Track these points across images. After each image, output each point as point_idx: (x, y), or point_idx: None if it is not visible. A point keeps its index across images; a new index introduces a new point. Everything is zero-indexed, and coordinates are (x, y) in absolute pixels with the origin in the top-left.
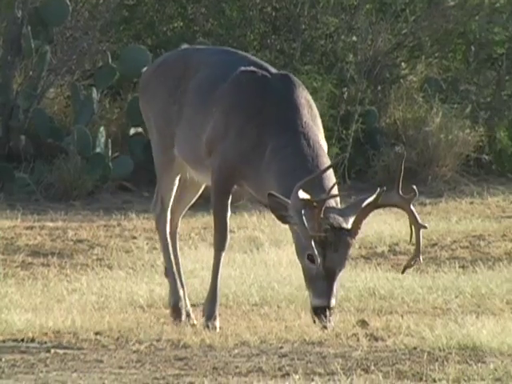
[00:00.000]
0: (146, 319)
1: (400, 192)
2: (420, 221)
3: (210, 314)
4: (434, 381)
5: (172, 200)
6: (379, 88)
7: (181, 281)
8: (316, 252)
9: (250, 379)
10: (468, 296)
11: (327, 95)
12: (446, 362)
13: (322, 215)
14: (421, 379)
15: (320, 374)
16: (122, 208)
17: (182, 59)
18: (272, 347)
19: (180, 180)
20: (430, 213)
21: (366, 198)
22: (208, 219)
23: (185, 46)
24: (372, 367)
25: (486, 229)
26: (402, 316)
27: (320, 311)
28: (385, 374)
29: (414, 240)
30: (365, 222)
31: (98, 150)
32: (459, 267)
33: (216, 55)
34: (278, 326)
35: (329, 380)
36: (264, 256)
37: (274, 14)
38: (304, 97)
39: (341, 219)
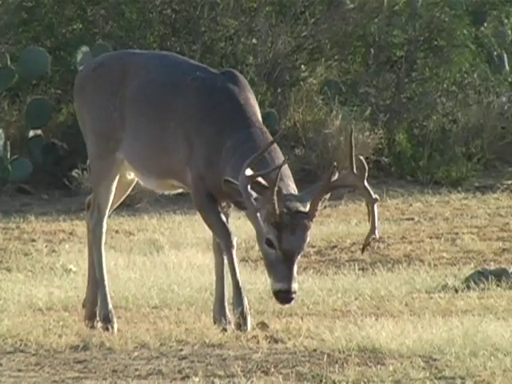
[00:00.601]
0: (45, 322)
1: (355, 171)
2: (373, 195)
3: (242, 311)
4: (334, 383)
5: (109, 208)
6: (279, 90)
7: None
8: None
9: (150, 382)
10: (367, 298)
11: None
12: (345, 364)
13: (277, 198)
14: (320, 381)
15: (220, 377)
16: (20, 211)
17: (119, 63)
18: (172, 350)
19: None
20: (330, 215)
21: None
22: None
23: (84, 48)
24: (272, 369)
25: (386, 231)
26: (301, 318)
27: (281, 295)
28: (285, 376)
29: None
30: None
31: None
32: (359, 269)
33: (154, 60)
34: (178, 328)
35: (229, 382)
36: (164, 258)
37: (173, 16)
38: (252, 93)
39: (298, 204)
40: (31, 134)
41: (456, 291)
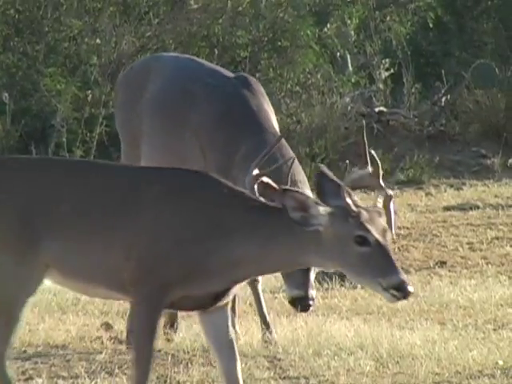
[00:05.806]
0: None
1: (369, 169)
2: (388, 192)
3: None
4: (179, 383)
5: None
6: None
7: None
8: None
9: None
10: None
11: (71, 98)
12: (190, 365)
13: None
14: (165, 382)
15: (64, 378)
16: None
17: (145, 67)
18: (15, 351)
19: None
20: None
21: None
22: None
23: None
24: (116, 370)
25: None
26: None
27: (298, 302)
28: (129, 376)
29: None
30: None
31: None
32: None
33: (171, 64)
34: (22, 329)
35: (73, 383)
36: None
37: (16, 16)
38: (265, 97)
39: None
40: None
41: None
